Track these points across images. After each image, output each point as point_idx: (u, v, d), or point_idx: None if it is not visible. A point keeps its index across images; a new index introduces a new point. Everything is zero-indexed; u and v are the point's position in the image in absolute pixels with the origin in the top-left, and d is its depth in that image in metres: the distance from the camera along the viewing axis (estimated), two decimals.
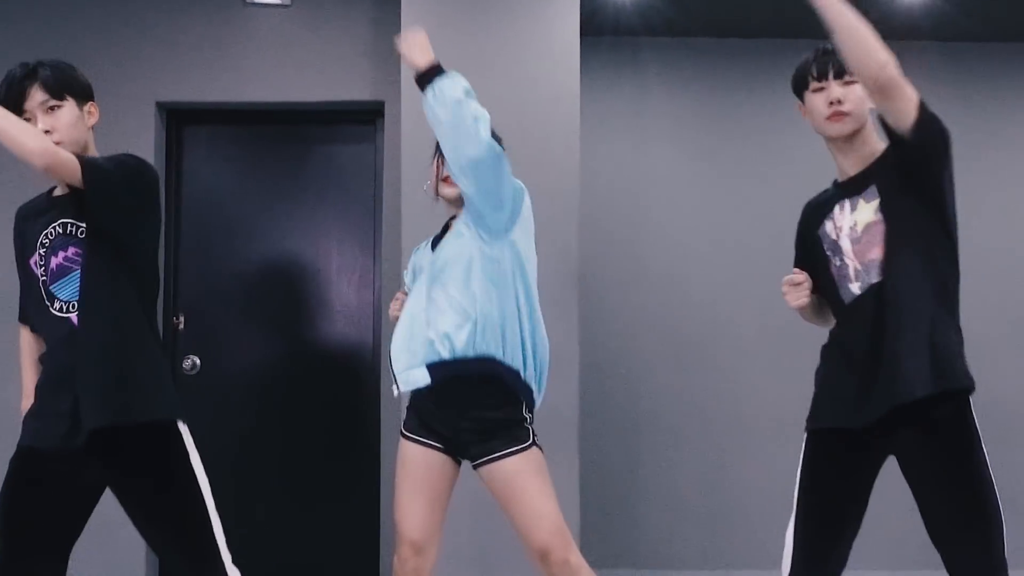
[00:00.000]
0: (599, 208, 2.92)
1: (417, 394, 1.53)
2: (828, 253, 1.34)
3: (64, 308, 1.34)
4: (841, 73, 1.30)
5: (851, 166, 1.32)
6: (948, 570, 1.26)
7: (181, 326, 2.55)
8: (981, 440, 1.19)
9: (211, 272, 2.69)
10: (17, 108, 1.30)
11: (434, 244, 1.58)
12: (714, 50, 3.02)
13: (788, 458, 1.70)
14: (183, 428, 1.37)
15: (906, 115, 1.17)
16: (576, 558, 1.51)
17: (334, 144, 2.92)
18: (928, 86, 1.82)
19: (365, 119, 2.75)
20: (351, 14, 2.59)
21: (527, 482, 1.47)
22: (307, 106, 2.67)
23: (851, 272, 1.31)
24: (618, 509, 2.83)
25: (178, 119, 2.64)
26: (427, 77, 1.38)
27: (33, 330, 1.47)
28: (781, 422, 2.51)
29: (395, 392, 1.59)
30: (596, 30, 2.83)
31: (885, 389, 1.24)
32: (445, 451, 1.51)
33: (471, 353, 1.40)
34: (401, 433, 1.58)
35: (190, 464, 1.37)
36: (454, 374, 1.41)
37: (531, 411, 1.51)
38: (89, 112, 1.40)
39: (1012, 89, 3.07)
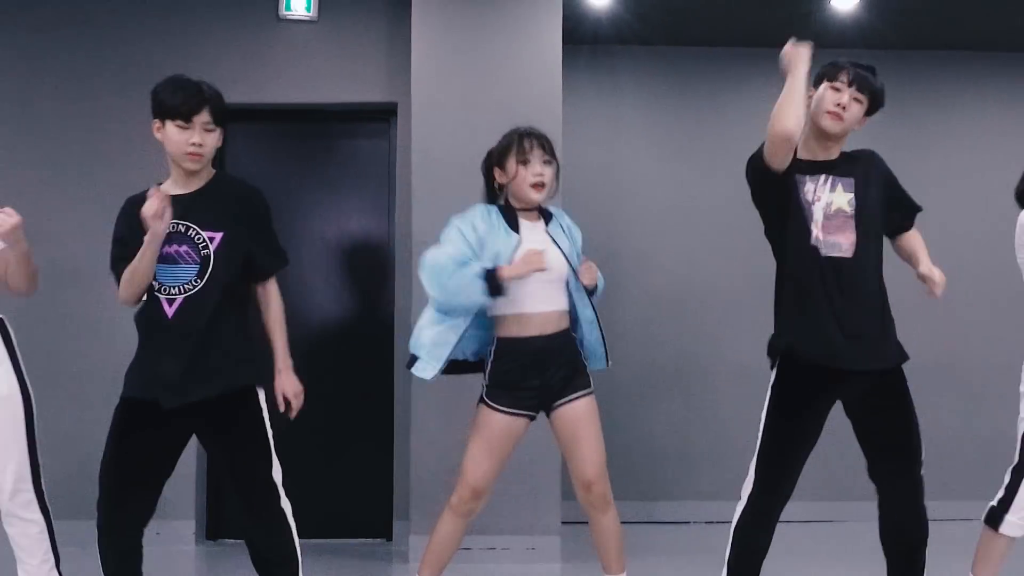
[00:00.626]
0: (580, 192, 3.23)
1: (509, 364, 1.71)
2: (804, 205, 1.58)
3: (167, 290, 1.55)
4: (858, 88, 1.56)
5: (821, 152, 1.60)
6: (881, 479, 1.62)
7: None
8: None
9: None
10: (185, 117, 1.52)
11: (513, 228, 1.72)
12: (675, 56, 3.41)
13: (747, 402, 2.07)
14: (260, 392, 1.59)
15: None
16: (610, 494, 1.78)
17: (354, 140, 3.24)
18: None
19: (380, 118, 3.07)
20: (369, 27, 2.93)
21: (590, 424, 1.74)
22: (330, 107, 3.01)
23: (820, 234, 1.58)
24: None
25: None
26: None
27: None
28: (740, 372, 2.92)
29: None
30: (577, 40, 3.18)
31: (879, 354, 1.58)
32: (530, 412, 1.74)
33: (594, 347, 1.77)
34: (489, 405, 1.75)
35: (263, 420, 1.60)
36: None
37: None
38: (222, 134, 1.65)
39: (935, 92, 3.50)
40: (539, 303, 1.67)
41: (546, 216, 1.80)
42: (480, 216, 1.73)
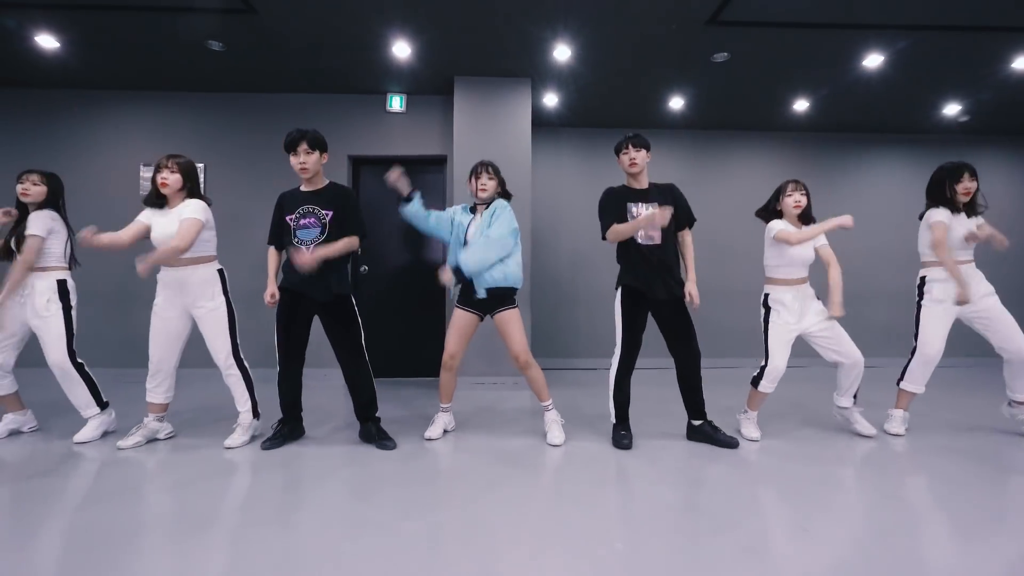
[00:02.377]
0: (541, 210, 5.19)
1: (467, 292, 2.63)
2: (631, 217, 2.57)
3: (304, 242, 2.48)
4: (636, 146, 2.57)
5: (636, 184, 2.64)
6: (675, 352, 2.60)
7: (359, 253, 4.48)
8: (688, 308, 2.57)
9: (373, 234, 4.45)
10: (291, 149, 2.48)
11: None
12: (591, 133, 5.40)
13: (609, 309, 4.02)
14: (352, 298, 2.58)
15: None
16: (532, 360, 2.66)
17: (425, 174, 4.71)
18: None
19: (439, 162, 4.69)
20: (431, 114, 4.63)
21: (513, 324, 2.64)
22: (413, 156, 4.59)
23: (641, 234, 2.58)
24: (547, 334, 5.14)
25: (355, 163, 4.73)
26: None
27: (278, 250, 2.62)
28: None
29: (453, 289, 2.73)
30: (538, 123, 5.00)
31: (669, 289, 2.56)
32: (477, 313, 2.65)
33: (503, 283, 2.60)
34: (456, 304, 2.70)
35: (355, 313, 2.58)
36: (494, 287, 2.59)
37: (515, 294, 2.65)
38: (322, 157, 2.56)
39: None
40: None
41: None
42: (459, 207, 2.80)
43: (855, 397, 2.90)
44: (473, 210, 2.76)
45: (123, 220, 4.43)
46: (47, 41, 3.85)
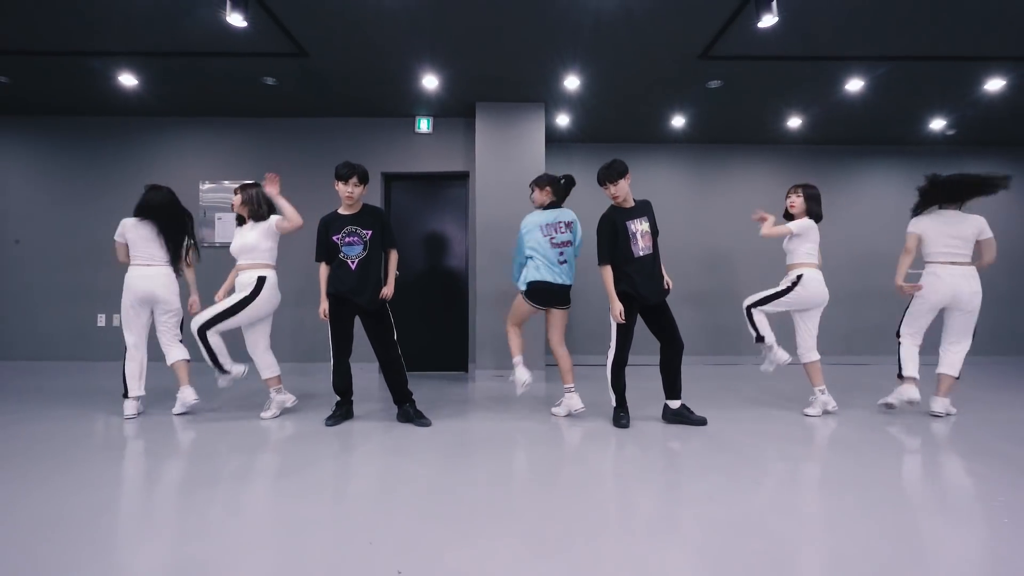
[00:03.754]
0: None
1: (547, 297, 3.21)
2: (630, 235, 3.00)
3: (349, 257, 2.99)
4: (614, 180, 3.00)
5: (625, 206, 3.06)
6: (663, 343, 3.13)
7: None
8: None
9: (403, 242, 5.17)
10: (345, 179, 2.97)
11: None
12: (601, 148, 5.82)
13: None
14: (387, 306, 3.11)
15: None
16: (562, 344, 3.36)
17: (450, 190, 5.35)
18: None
19: (462, 177, 5.28)
20: (455, 134, 5.20)
21: (559, 320, 3.34)
22: (439, 173, 5.23)
23: (639, 247, 3.02)
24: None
25: (387, 179, 5.31)
26: None
27: (328, 264, 3.06)
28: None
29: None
30: (551, 139, 5.55)
31: (659, 294, 3.08)
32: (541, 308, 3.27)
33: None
34: (528, 301, 3.24)
35: (391, 319, 3.12)
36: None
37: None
38: (364, 189, 3.05)
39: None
40: None
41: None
42: (537, 216, 3.29)
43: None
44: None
45: None
46: (127, 79, 4.53)
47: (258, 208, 3.27)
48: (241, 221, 3.36)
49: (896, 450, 2.71)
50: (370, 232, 3.03)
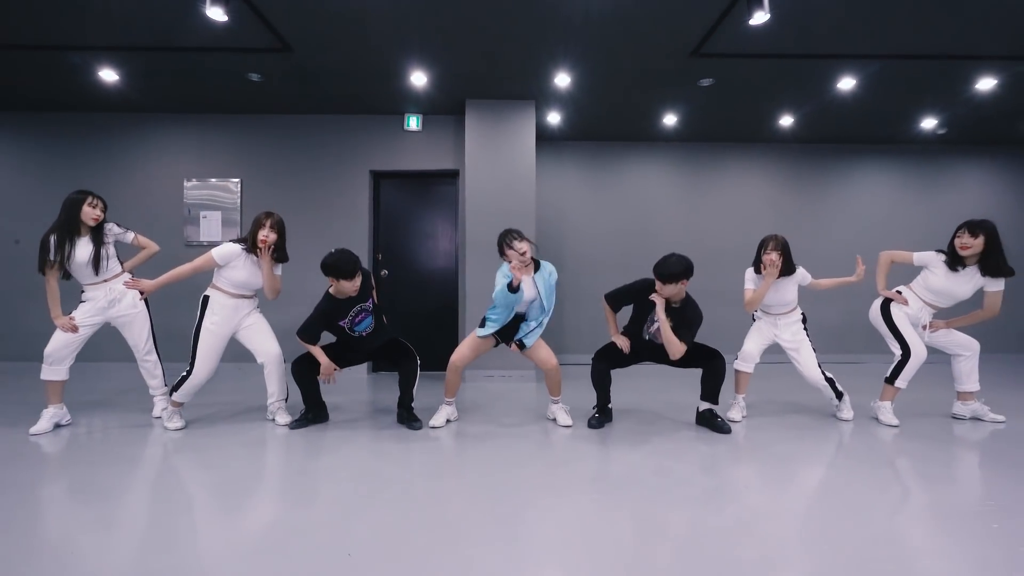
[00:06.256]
0: (544, 218, 5.71)
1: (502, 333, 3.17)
2: (647, 320, 3.10)
3: (360, 332, 3.08)
4: (670, 280, 2.83)
5: (669, 302, 3.00)
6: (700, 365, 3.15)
7: (381, 257, 5.22)
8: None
9: (392, 242, 5.24)
10: (350, 276, 2.90)
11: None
12: (591, 146, 5.88)
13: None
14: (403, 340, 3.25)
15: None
16: (557, 363, 3.22)
17: (439, 188, 5.26)
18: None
19: (452, 175, 5.22)
20: (444, 132, 5.16)
21: (542, 349, 3.19)
22: (427, 171, 5.16)
23: (648, 333, 3.12)
24: (551, 332, 5.68)
25: (376, 177, 5.28)
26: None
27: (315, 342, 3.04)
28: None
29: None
30: (541, 137, 5.54)
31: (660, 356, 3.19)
32: (500, 340, 3.20)
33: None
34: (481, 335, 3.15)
35: (399, 339, 3.27)
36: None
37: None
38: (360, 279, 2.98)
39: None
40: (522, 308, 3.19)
41: (536, 267, 3.14)
42: (502, 273, 3.09)
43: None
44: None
45: (167, 230, 5.18)
46: (108, 75, 4.47)
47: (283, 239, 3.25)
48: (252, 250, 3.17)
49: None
50: (370, 302, 3.10)
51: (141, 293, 3.15)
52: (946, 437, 3.04)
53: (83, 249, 2.99)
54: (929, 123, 5.42)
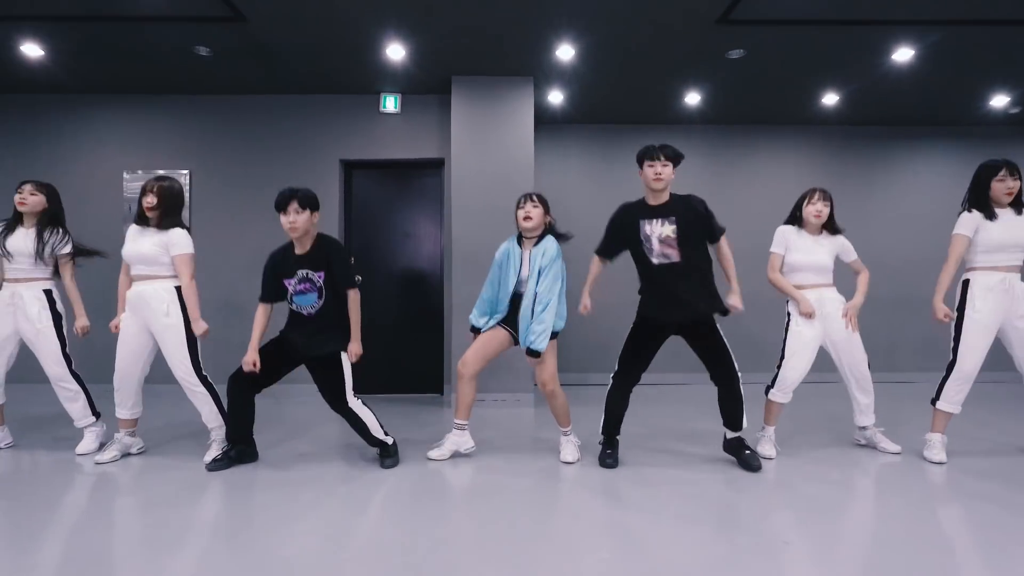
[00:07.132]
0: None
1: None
2: (642, 238, 2.55)
3: (303, 308, 2.62)
4: (667, 158, 2.49)
5: (654, 200, 2.55)
6: (713, 376, 2.60)
7: (353, 261, 4.71)
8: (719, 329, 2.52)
9: (367, 243, 4.77)
10: (283, 207, 2.55)
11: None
12: (595, 130, 5.41)
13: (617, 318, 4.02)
14: (343, 354, 2.63)
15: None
16: (559, 388, 2.76)
17: (422, 178, 4.82)
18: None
19: (436, 165, 4.73)
20: (427, 116, 4.66)
21: (548, 353, 2.73)
22: (407, 160, 4.68)
23: (655, 254, 2.55)
24: None
25: (347, 167, 4.77)
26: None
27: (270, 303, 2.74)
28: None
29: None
30: (541, 120, 5.00)
31: (692, 311, 2.52)
32: (511, 332, 2.78)
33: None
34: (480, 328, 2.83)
35: (343, 368, 2.64)
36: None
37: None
38: (313, 216, 2.61)
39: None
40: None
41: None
42: (508, 242, 2.85)
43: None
44: (519, 241, 2.86)
45: (106, 227, 4.71)
46: (32, 50, 4.03)
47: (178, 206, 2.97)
48: (141, 222, 2.90)
49: None
50: (322, 274, 2.65)
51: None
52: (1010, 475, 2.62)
53: (19, 238, 2.95)
54: (1000, 101, 4.93)
